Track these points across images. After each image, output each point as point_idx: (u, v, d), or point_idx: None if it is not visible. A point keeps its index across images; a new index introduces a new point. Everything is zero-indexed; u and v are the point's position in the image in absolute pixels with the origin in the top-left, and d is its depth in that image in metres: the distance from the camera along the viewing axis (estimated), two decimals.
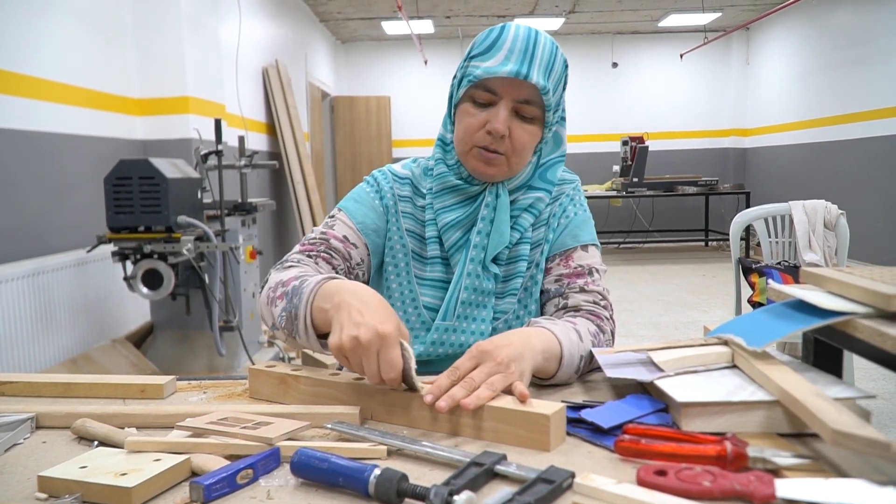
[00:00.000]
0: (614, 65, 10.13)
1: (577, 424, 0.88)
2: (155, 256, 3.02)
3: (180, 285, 3.21)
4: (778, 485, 0.67)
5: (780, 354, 0.99)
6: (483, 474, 0.73)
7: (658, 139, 9.68)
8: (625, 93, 10.14)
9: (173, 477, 0.76)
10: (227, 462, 0.77)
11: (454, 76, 1.21)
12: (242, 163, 3.88)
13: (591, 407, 0.91)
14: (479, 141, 1.15)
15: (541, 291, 1.27)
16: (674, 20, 9.11)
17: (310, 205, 6.54)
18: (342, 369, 1.33)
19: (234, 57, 5.39)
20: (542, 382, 1.05)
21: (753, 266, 2.90)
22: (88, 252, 3.20)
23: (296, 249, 1.24)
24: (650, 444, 0.76)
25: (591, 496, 0.67)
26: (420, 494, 0.68)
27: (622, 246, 9.47)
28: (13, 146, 3.04)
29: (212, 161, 3.66)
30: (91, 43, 3.68)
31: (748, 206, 6.95)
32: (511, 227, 1.23)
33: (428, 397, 0.87)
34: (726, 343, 1.00)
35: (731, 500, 0.67)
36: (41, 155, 3.23)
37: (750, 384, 0.88)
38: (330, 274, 1.11)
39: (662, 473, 0.69)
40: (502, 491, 0.68)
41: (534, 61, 1.12)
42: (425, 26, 9.00)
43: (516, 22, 1.18)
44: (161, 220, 2.99)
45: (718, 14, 8.82)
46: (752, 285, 2.90)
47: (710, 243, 9.39)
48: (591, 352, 1.09)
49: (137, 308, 3.81)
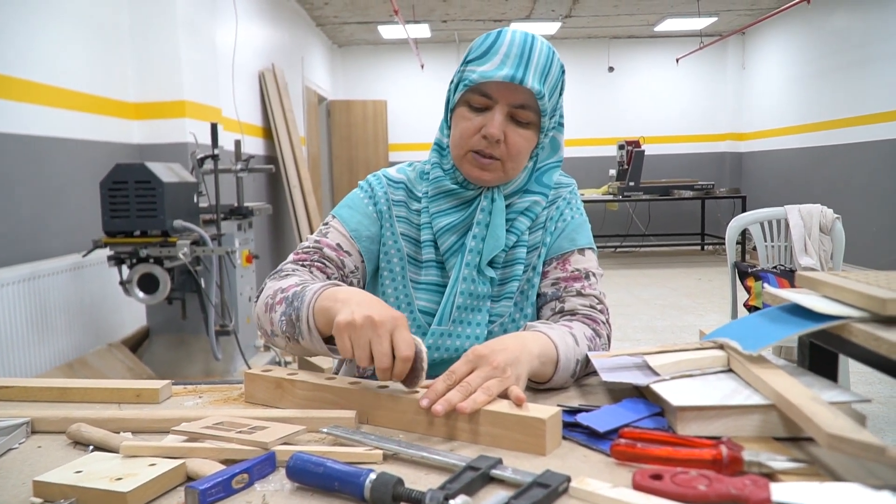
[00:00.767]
0: (610, 69, 10.15)
1: (573, 428, 0.88)
2: (151, 261, 3.01)
3: (176, 289, 3.20)
4: (773, 489, 0.67)
5: (776, 358, 0.99)
6: (479, 478, 0.73)
7: (654, 143, 9.70)
8: (621, 97, 10.16)
9: (168, 482, 0.76)
10: (223, 467, 0.77)
11: (451, 81, 1.21)
12: (239, 167, 3.88)
13: (587, 411, 0.91)
14: (475, 145, 1.16)
15: (537, 295, 1.27)
16: (670, 25, 9.14)
17: (306, 209, 6.54)
18: (339, 373, 1.33)
19: (231, 61, 5.39)
20: (539, 386, 1.05)
21: (749, 270, 2.91)
22: (84, 256, 3.19)
23: (290, 259, 1.24)
24: (646, 448, 0.76)
25: (587, 500, 0.68)
26: (416, 499, 0.68)
27: (619, 250, 9.48)
28: (9, 150, 3.03)
29: (208, 165, 3.66)
30: (87, 47, 3.68)
31: (744, 211, 6.97)
32: (507, 231, 1.23)
33: (424, 401, 0.87)
34: (722, 347, 1.00)
35: None
36: (37, 159, 3.23)
37: (745, 388, 0.88)
38: (333, 282, 1.11)
39: (658, 477, 0.69)
40: (498, 495, 0.68)
41: (529, 66, 1.12)
42: (422, 30, 9.01)
43: (513, 27, 1.18)
44: (157, 225, 2.99)
45: (714, 19, 8.85)
46: (748, 289, 2.91)
47: (707, 247, 9.41)
48: (588, 356, 1.09)
49: (133, 312, 3.80)
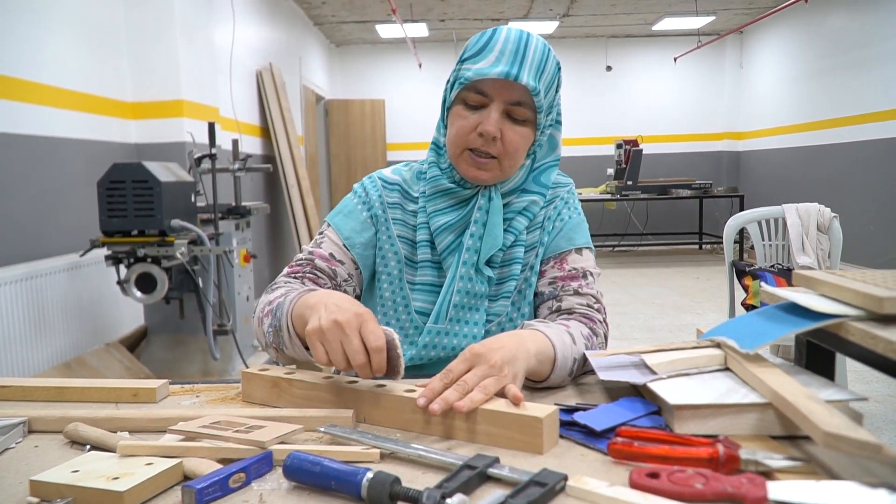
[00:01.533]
0: (608, 68, 10.15)
1: (570, 427, 0.88)
2: (148, 260, 3.01)
3: (174, 289, 3.20)
4: (770, 487, 0.67)
5: (773, 357, 0.99)
6: (476, 477, 0.73)
7: (652, 142, 9.70)
8: (619, 96, 10.17)
9: (165, 481, 0.76)
10: (220, 466, 0.77)
11: (448, 80, 1.21)
12: (236, 166, 3.88)
13: (584, 410, 0.91)
14: (471, 143, 1.16)
15: (534, 294, 1.27)
16: (668, 24, 9.15)
17: (304, 208, 6.54)
18: (338, 373, 1.33)
19: (228, 60, 5.38)
20: (536, 385, 1.06)
21: (747, 269, 2.91)
22: (82, 256, 3.18)
23: (284, 272, 1.26)
24: (643, 447, 0.76)
25: (584, 499, 0.68)
26: (413, 497, 0.68)
27: (616, 249, 9.49)
28: (6, 150, 3.03)
29: (205, 164, 3.66)
30: (85, 47, 3.67)
31: (742, 210, 6.96)
32: (505, 231, 1.23)
33: (421, 400, 0.87)
34: (719, 346, 1.00)
35: (724, 503, 0.67)
36: (34, 158, 3.22)
37: (742, 387, 0.89)
38: (309, 288, 1.14)
39: (655, 476, 0.69)
40: (495, 494, 0.68)
41: (524, 63, 1.12)
42: (419, 30, 9.01)
43: (511, 26, 1.18)
44: (154, 224, 2.98)
45: (712, 18, 8.85)
46: (746, 288, 2.91)
47: (704, 246, 9.42)
48: (585, 354, 1.09)
49: (131, 312, 3.79)
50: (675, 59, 9.44)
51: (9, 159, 3.05)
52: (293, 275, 1.24)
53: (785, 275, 2.80)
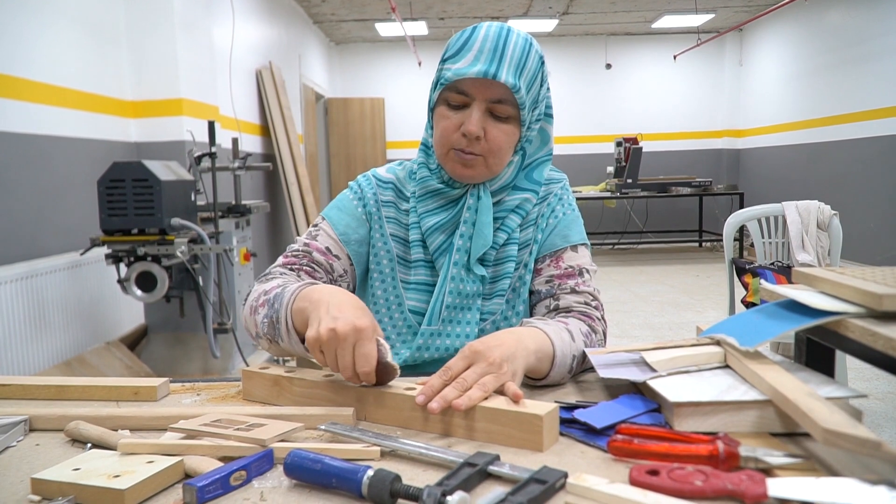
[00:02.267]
0: (608, 66, 10.15)
1: (570, 425, 0.88)
2: (149, 259, 3.01)
3: (174, 287, 3.20)
4: (769, 484, 0.67)
5: (773, 354, 0.99)
6: (476, 475, 0.73)
7: (652, 140, 9.70)
8: (619, 94, 10.16)
9: (166, 479, 0.76)
10: (221, 464, 0.77)
11: (433, 80, 1.21)
12: (236, 165, 3.88)
13: (584, 407, 0.91)
14: (456, 143, 1.15)
15: (531, 292, 1.27)
16: (667, 21, 9.14)
17: (304, 206, 6.54)
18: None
19: (228, 59, 5.38)
20: (535, 383, 1.06)
21: (747, 266, 2.91)
22: (82, 255, 3.19)
23: (279, 262, 1.24)
24: (643, 444, 0.76)
25: (584, 496, 0.68)
26: (413, 495, 0.68)
27: (616, 247, 9.49)
28: (6, 148, 3.03)
29: (205, 163, 3.65)
30: (84, 45, 3.67)
31: (742, 207, 6.96)
32: (498, 229, 1.23)
33: (420, 398, 0.87)
34: (719, 343, 1.00)
35: (723, 500, 0.68)
36: (34, 157, 3.22)
37: (742, 384, 0.89)
38: (310, 281, 1.12)
39: (655, 473, 0.70)
40: (495, 491, 0.68)
41: (503, 60, 1.11)
42: (419, 28, 9.00)
43: (511, 24, 1.18)
44: (154, 223, 2.99)
45: (711, 15, 8.84)
46: (746, 286, 2.91)
47: (704, 244, 9.41)
48: (584, 352, 1.09)
49: (131, 310, 3.79)
50: (675, 57, 9.44)
51: (9, 158, 3.05)
52: (289, 266, 1.23)
53: (785, 272, 2.80)
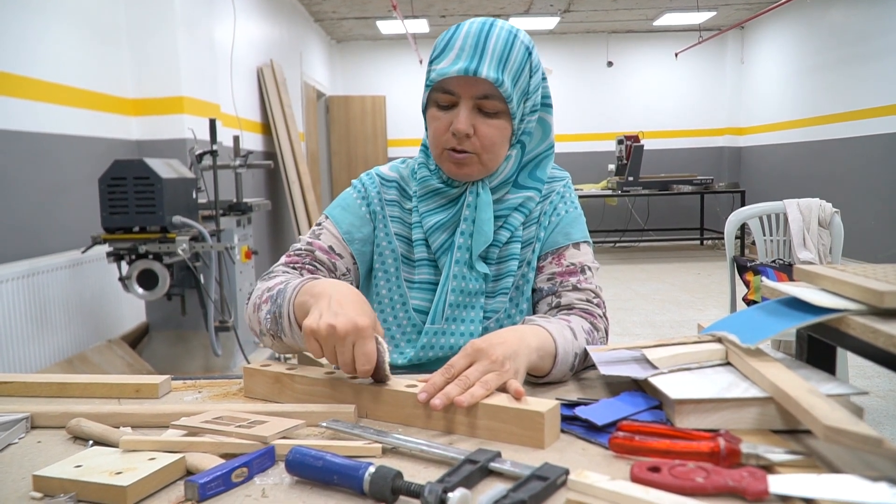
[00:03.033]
0: (609, 64, 10.14)
1: (572, 422, 0.88)
2: (150, 257, 3.01)
3: (175, 285, 3.20)
4: (771, 481, 0.67)
5: (774, 351, 0.99)
6: (477, 472, 0.73)
7: (653, 138, 9.69)
8: (620, 92, 10.15)
9: (168, 476, 0.76)
10: (222, 461, 0.77)
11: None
12: (237, 162, 3.88)
13: (586, 404, 0.91)
14: (448, 143, 1.16)
15: (533, 290, 1.27)
16: (668, 19, 9.13)
17: (305, 204, 6.54)
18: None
19: (229, 57, 5.38)
20: (537, 380, 1.06)
21: (748, 264, 2.91)
22: (83, 253, 3.19)
23: (282, 261, 1.25)
24: (644, 441, 0.76)
25: (585, 493, 0.68)
26: (415, 492, 0.68)
27: (618, 245, 9.48)
28: (7, 146, 3.03)
29: (206, 161, 3.65)
30: (85, 43, 3.67)
31: (743, 205, 6.96)
32: (501, 227, 1.23)
33: (422, 395, 0.87)
34: (720, 340, 1.00)
35: (725, 496, 0.68)
36: (36, 155, 3.22)
37: (743, 381, 0.89)
38: (312, 276, 1.13)
39: (656, 470, 0.70)
40: (497, 488, 0.68)
41: (484, 55, 1.11)
42: (420, 26, 8.99)
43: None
44: (156, 221, 2.99)
45: (713, 13, 8.83)
46: (747, 283, 2.91)
47: (706, 242, 9.41)
48: (586, 349, 1.09)
49: (133, 308, 3.80)
50: (676, 55, 9.42)
51: (10, 156, 3.05)
52: (291, 265, 1.23)
53: (786, 270, 2.80)
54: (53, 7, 3.39)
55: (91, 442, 0.87)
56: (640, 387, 0.99)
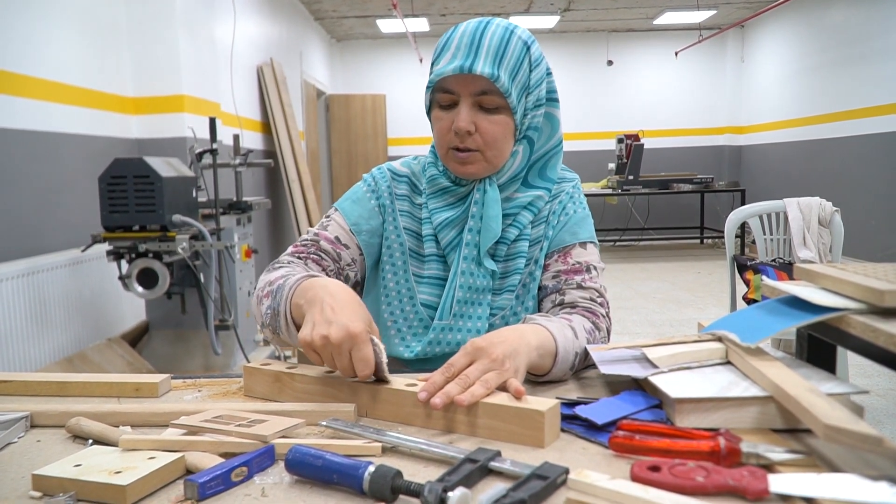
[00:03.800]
0: (609, 63, 10.13)
1: (572, 421, 0.88)
2: (150, 255, 3.01)
3: (175, 284, 3.20)
4: (771, 480, 0.67)
5: (774, 351, 0.99)
6: (477, 471, 0.73)
7: (653, 137, 9.69)
8: (620, 91, 10.14)
9: (168, 475, 0.76)
10: (222, 460, 0.77)
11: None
12: (237, 161, 3.88)
13: (586, 403, 0.91)
14: (452, 142, 1.17)
15: (538, 287, 1.27)
16: (669, 18, 9.12)
17: (305, 203, 6.54)
18: None
19: (229, 55, 5.38)
20: (537, 379, 1.06)
21: (748, 263, 2.91)
22: (83, 251, 3.19)
23: (288, 251, 1.26)
24: (644, 440, 0.76)
25: (585, 492, 0.68)
26: (414, 491, 0.68)
27: (618, 243, 9.48)
28: (7, 145, 3.03)
29: (206, 160, 3.65)
30: (85, 42, 3.67)
31: (743, 204, 6.96)
32: (510, 225, 1.24)
33: (422, 394, 0.87)
34: (720, 339, 1.00)
35: (725, 495, 0.68)
36: (35, 154, 3.22)
37: (743, 380, 0.89)
38: (311, 272, 1.14)
39: (656, 469, 0.70)
40: (496, 487, 0.68)
41: (479, 52, 1.12)
42: (420, 24, 8.99)
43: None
44: (156, 219, 2.99)
45: (713, 12, 8.83)
46: (748, 282, 2.91)
47: (706, 241, 9.41)
48: (586, 349, 1.09)
49: (133, 307, 3.80)
50: (677, 54, 9.42)
51: (10, 155, 3.05)
52: (297, 254, 1.25)
53: (786, 269, 2.80)
54: (53, 6, 3.38)
55: (90, 441, 0.87)
56: (640, 386, 0.99)
